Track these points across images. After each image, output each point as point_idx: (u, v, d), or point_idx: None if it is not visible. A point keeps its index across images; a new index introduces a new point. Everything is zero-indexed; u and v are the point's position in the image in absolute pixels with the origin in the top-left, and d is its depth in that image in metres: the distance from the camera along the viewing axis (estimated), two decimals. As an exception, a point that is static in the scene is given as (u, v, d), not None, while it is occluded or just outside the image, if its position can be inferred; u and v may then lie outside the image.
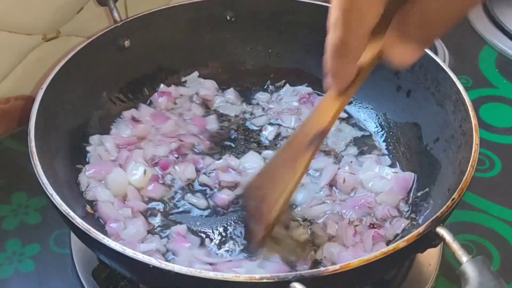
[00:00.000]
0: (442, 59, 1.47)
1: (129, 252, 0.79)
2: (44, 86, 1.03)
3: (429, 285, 1.05)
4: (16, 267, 1.07)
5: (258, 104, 1.30)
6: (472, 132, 0.98)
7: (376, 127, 1.24)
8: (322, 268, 0.76)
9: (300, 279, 0.74)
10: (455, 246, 0.80)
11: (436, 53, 1.49)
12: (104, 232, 0.97)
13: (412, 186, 1.09)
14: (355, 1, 0.65)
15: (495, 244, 1.12)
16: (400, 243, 0.80)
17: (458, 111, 1.05)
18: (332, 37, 0.72)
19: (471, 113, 1.01)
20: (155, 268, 0.77)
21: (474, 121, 0.99)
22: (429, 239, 0.83)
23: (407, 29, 0.67)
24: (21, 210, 1.15)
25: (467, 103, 1.03)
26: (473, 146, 0.95)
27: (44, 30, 1.27)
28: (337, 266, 0.76)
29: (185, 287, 0.82)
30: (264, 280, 0.75)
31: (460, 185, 0.89)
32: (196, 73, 1.32)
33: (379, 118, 1.25)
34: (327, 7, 1.24)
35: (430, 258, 1.07)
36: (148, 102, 1.26)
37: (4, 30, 1.20)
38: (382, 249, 0.79)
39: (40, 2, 1.20)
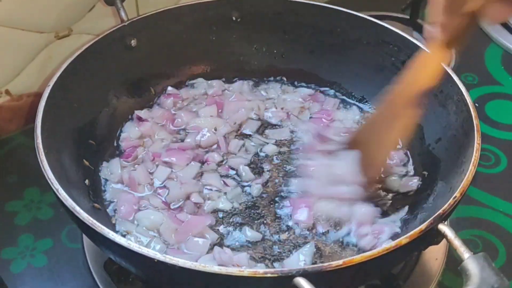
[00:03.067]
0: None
1: (134, 246, 0.80)
2: (51, 84, 1.04)
3: (436, 279, 1.06)
4: (28, 262, 1.08)
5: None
6: (473, 132, 0.99)
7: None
8: (325, 264, 0.77)
9: (304, 274, 0.75)
10: (456, 243, 0.81)
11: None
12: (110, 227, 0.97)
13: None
14: None
15: (501, 239, 1.13)
16: (403, 240, 0.81)
17: (460, 112, 1.06)
18: None
19: (473, 113, 1.02)
20: (160, 263, 0.78)
21: (475, 121, 1.00)
22: (431, 236, 0.84)
23: None
24: (33, 206, 1.17)
25: (469, 104, 1.03)
26: (475, 146, 0.96)
27: (56, 28, 1.28)
28: (340, 262, 0.77)
29: (190, 282, 0.83)
30: (268, 275, 0.76)
31: (462, 184, 0.90)
32: (201, 79, 1.33)
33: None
34: (330, 8, 1.26)
35: (436, 252, 1.08)
36: (156, 102, 1.28)
37: (17, 28, 1.22)
38: (385, 246, 0.80)
39: (52, 1, 1.22)
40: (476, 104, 1.39)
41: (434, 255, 1.08)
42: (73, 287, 1.06)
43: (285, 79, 1.36)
